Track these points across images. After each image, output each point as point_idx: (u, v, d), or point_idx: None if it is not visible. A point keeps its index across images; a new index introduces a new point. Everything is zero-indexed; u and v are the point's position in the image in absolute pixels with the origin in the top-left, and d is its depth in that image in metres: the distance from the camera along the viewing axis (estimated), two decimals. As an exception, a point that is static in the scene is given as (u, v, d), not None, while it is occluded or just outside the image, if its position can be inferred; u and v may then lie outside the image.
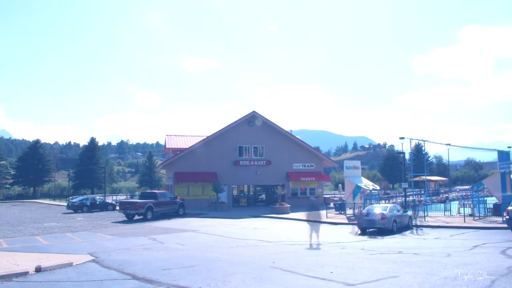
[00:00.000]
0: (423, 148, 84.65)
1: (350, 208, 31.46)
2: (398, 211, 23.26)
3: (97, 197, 50.46)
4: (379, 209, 22.55)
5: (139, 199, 34.13)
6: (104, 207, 43.63)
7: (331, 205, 39.04)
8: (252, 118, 43.19)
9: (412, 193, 44.72)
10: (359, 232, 22.24)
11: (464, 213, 27.55)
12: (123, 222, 29.61)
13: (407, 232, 21.92)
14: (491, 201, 29.85)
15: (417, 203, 30.62)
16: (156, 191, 35.28)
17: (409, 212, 25.24)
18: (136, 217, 31.20)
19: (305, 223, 28.09)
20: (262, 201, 48.16)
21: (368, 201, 34.12)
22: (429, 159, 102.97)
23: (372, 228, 21.86)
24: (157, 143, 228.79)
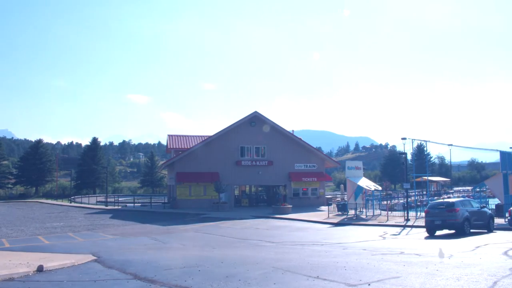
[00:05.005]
0: (425, 148, 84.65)
1: (351, 209, 31.43)
2: None
3: None
4: None
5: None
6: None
7: (333, 206, 39.03)
8: (254, 119, 43.18)
9: (414, 193, 44.67)
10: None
11: (466, 214, 27.42)
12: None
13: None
14: (493, 202, 29.79)
15: (419, 203, 30.59)
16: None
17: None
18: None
19: (307, 223, 28.11)
20: (263, 201, 48.13)
21: (370, 201, 34.08)
22: (432, 159, 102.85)
23: None
24: (159, 143, 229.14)
